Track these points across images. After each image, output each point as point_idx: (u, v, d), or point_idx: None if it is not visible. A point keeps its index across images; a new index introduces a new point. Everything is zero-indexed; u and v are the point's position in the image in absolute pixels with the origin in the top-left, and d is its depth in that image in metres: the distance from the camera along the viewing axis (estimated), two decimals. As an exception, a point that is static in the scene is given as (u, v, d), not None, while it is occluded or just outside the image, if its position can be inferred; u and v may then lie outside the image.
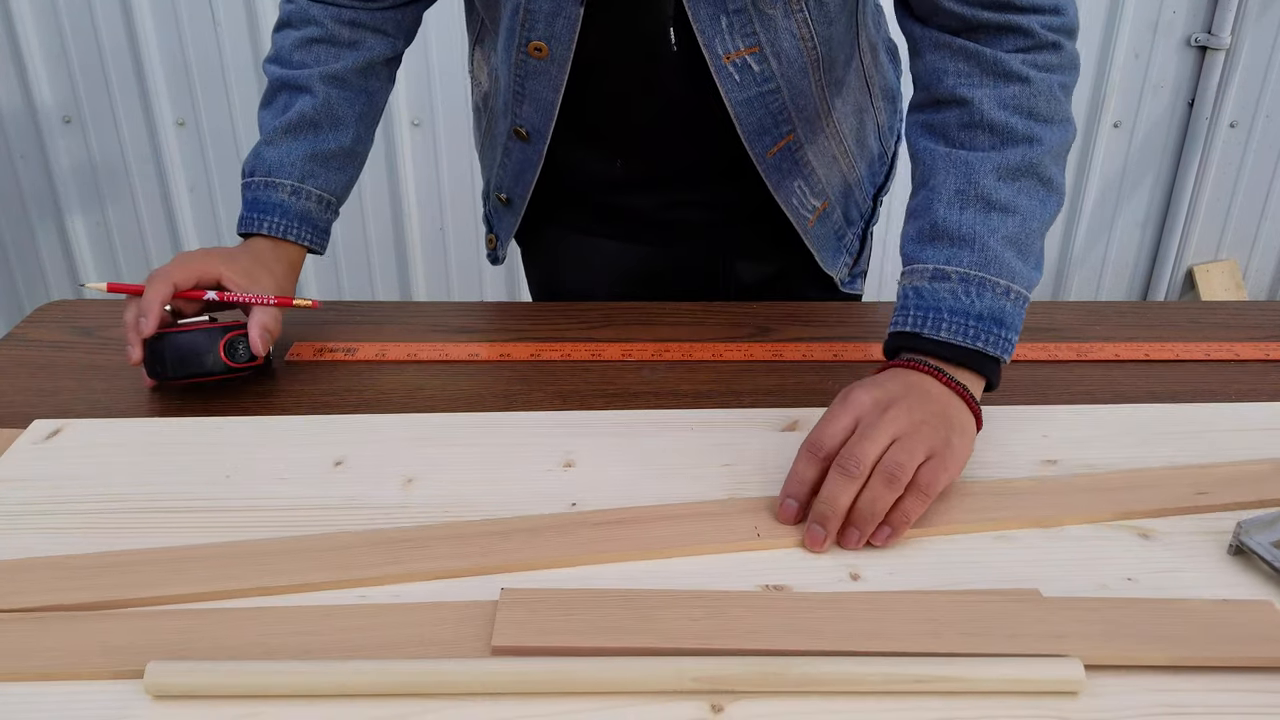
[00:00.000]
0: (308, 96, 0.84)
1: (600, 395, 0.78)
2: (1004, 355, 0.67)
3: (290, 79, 0.85)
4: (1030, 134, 0.69)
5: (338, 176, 0.87)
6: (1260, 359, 0.84)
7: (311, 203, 0.84)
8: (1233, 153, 2.21)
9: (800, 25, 0.79)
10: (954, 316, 0.66)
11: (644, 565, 0.58)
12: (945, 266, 0.67)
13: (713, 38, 0.78)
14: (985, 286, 0.66)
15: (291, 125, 0.84)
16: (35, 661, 0.50)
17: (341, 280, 2.25)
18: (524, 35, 0.81)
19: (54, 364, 0.82)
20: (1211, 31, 2.08)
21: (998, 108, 0.70)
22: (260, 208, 0.83)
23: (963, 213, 0.68)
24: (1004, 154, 0.69)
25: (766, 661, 0.49)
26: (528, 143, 0.89)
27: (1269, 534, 0.58)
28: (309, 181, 0.84)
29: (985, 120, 0.70)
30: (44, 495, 0.64)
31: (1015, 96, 0.70)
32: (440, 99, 2.05)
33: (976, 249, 0.67)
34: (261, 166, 0.83)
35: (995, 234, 0.67)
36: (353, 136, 0.87)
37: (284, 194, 0.83)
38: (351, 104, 0.87)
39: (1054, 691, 0.49)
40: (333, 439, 0.71)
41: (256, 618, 0.53)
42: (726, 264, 1.00)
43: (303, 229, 0.84)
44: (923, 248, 0.69)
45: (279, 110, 0.85)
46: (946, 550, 0.60)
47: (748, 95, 0.82)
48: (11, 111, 2.07)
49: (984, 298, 0.66)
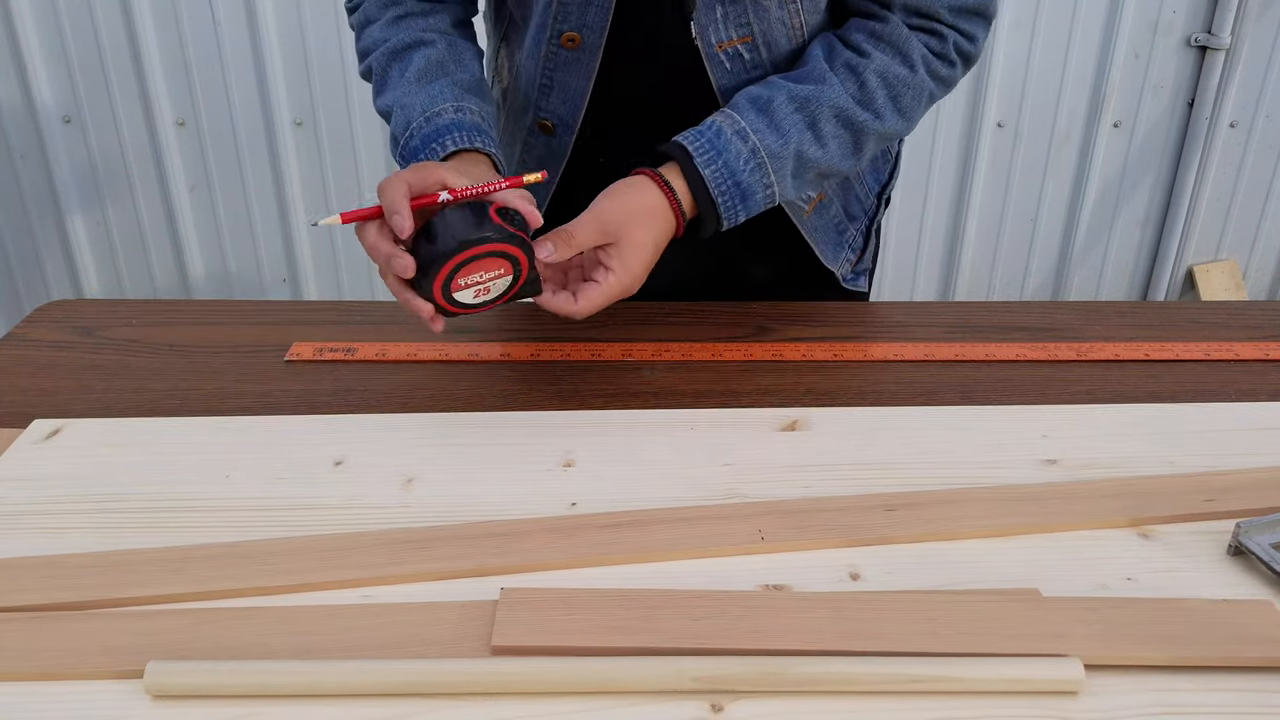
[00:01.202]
0: (425, 48, 0.82)
1: (600, 395, 0.78)
2: (725, 223, 0.78)
3: (399, 44, 0.82)
4: (880, 110, 0.80)
5: (485, 105, 0.81)
6: (1260, 359, 0.84)
7: (476, 118, 0.79)
8: (1233, 153, 2.21)
9: (792, 15, 0.82)
10: (724, 169, 0.76)
11: (644, 565, 0.58)
12: (750, 132, 0.77)
13: (707, 26, 0.80)
14: (761, 169, 0.77)
15: (421, 73, 0.81)
16: (35, 661, 0.50)
17: (341, 280, 2.25)
18: (556, 27, 0.83)
19: (54, 364, 0.82)
20: (1211, 31, 2.08)
21: (876, 74, 0.79)
22: (434, 138, 0.76)
23: (793, 113, 0.78)
24: (852, 107, 0.79)
25: (766, 661, 0.49)
26: (553, 135, 0.90)
27: (1268, 535, 0.58)
28: (465, 102, 0.79)
29: (862, 75, 0.79)
30: (44, 495, 0.64)
31: (896, 78, 0.80)
32: (440, 99, 2.05)
33: (779, 141, 0.77)
34: (415, 113, 0.78)
35: (798, 144, 0.78)
36: (478, 71, 0.84)
37: (449, 115, 0.77)
38: (468, 45, 0.85)
39: (1054, 691, 0.49)
40: (333, 439, 0.71)
41: (256, 618, 0.53)
42: (730, 262, 1.01)
43: (484, 138, 0.77)
44: (750, 108, 0.78)
45: (396, 76, 0.82)
46: (946, 550, 0.60)
47: (735, 82, 0.84)
48: (11, 111, 2.07)
49: (753, 175, 0.77)
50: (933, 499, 0.64)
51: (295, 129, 2.08)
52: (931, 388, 0.79)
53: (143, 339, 0.87)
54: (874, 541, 0.60)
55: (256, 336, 0.87)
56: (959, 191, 2.22)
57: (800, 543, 0.59)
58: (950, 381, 0.80)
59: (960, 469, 0.68)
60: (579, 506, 0.63)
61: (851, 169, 0.83)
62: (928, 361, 0.84)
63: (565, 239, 0.71)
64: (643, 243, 0.74)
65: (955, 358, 0.84)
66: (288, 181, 2.13)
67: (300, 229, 2.18)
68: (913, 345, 0.86)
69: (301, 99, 2.05)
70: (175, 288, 2.23)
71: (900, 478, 0.67)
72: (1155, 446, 0.71)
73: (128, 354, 0.84)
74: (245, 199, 2.15)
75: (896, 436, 0.72)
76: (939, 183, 2.20)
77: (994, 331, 0.90)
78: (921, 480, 0.66)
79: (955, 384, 0.80)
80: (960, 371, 0.82)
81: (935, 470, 0.67)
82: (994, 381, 0.81)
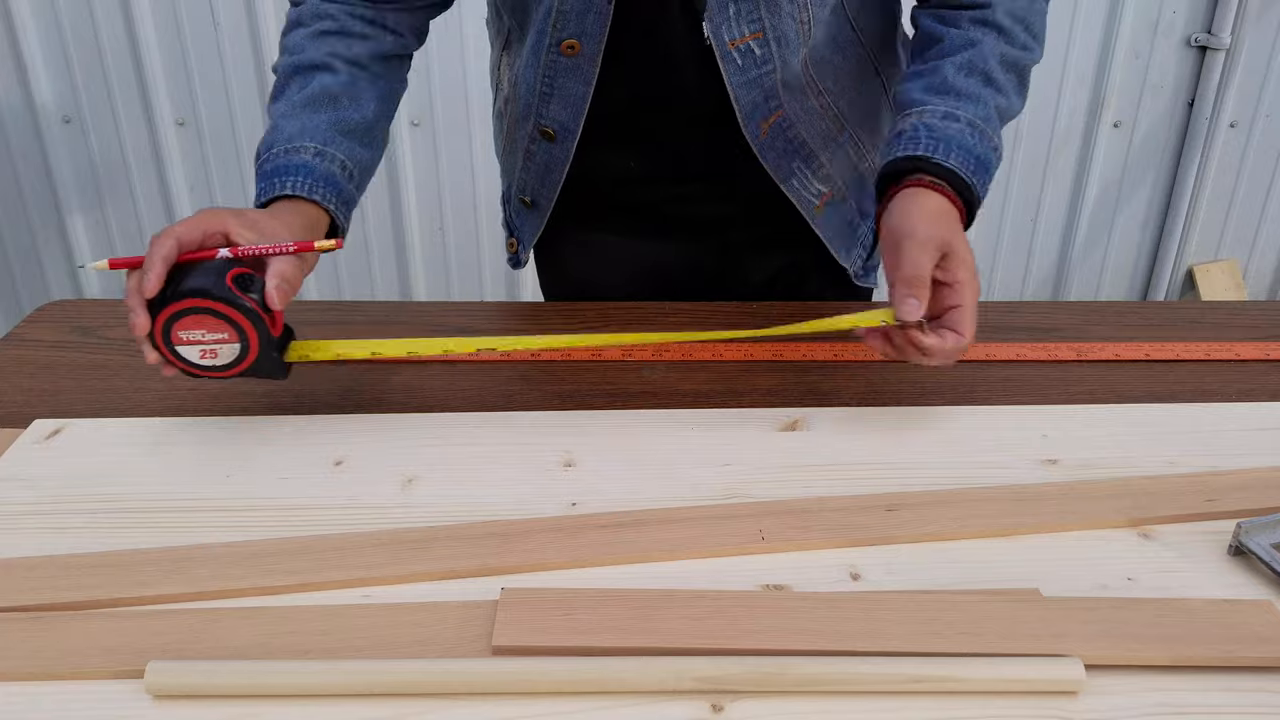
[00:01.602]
0: (327, 74, 0.80)
1: (600, 395, 0.78)
2: (981, 200, 0.77)
3: (307, 61, 0.81)
4: (1025, 43, 0.82)
5: (361, 151, 0.81)
6: (1260, 359, 0.84)
7: (336, 167, 0.77)
8: (1233, 153, 2.21)
9: (800, 10, 0.82)
10: (961, 151, 0.75)
11: (644, 565, 0.58)
12: (956, 111, 0.77)
13: (720, 25, 0.80)
14: (985, 137, 0.77)
15: (312, 99, 0.79)
16: (35, 661, 0.50)
17: (341, 280, 2.25)
18: (555, 35, 0.83)
19: (54, 364, 0.82)
20: (1211, 31, 2.08)
21: (1007, 15, 0.80)
22: (280, 173, 0.75)
23: (968, 79, 0.79)
24: (1008, 49, 0.80)
25: (766, 661, 0.49)
26: (554, 142, 0.90)
27: (1269, 535, 0.58)
28: (332, 147, 0.78)
29: (995, 21, 0.80)
30: (44, 495, 0.64)
31: (1022, 10, 0.81)
32: (440, 99, 2.05)
33: (980, 106, 0.78)
34: (280, 138, 0.77)
35: (991, 102, 0.79)
36: (374, 114, 0.82)
37: (307, 155, 0.76)
38: (372, 83, 0.83)
39: (1054, 691, 0.49)
40: (333, 439, 0.71)
41: (256, 618, 0.53)
42: (739, 258, 1.01)
43: (328, 190, 0.76)
44: (931, 96, 0.78)
45: (294, 93, 0.80)
46: (946, 550, 0.60)
47: (747, 78, 0.84)
48: (11, 111, 2.07)
49: (982, 145, 0.76)
50: (933, 499, 0.64)
51: (295, 129, 2.08)
52: (931, 388, 0.79)
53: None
54: (874, 541, 0.60)
55: (256, 336, 0.87)
56: (959, 191, 2.22)
57: (800, 543, 0.59)
58: (950, 381, 0.80)
59: (960, 469, 0.68)
60: (579, 506, 0.63)
61: (1021, 107, 0.84)
62: (928, 361, 0.83)
63: (917, 283, 0.68)
64: (964, 241, 0.71)
65: (955, 358, 0.84)
66: (288, 181, 2.13)
67: (300, 229, 2.18)
68: (913, 345, 0.86)
69: (301, 99, 2.05)
70: (175, 288, 2.23)
71: (900, 478, 0.67)
72: (1155, 446, 0.71)
73: (128, 354, 0.84)
74: (245, 199, 2.15)
75: (897, 436, 0.72)
76: (939, 183, 2.20)
77: (994, 331, 0.90)
78: (921, 480, 0.66)
79: (955, 384, 0.80)
80: (960, 371, 0.82)
81: (935, 470, 0.68)
82: (994, 381, 0.81)
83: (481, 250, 2.21)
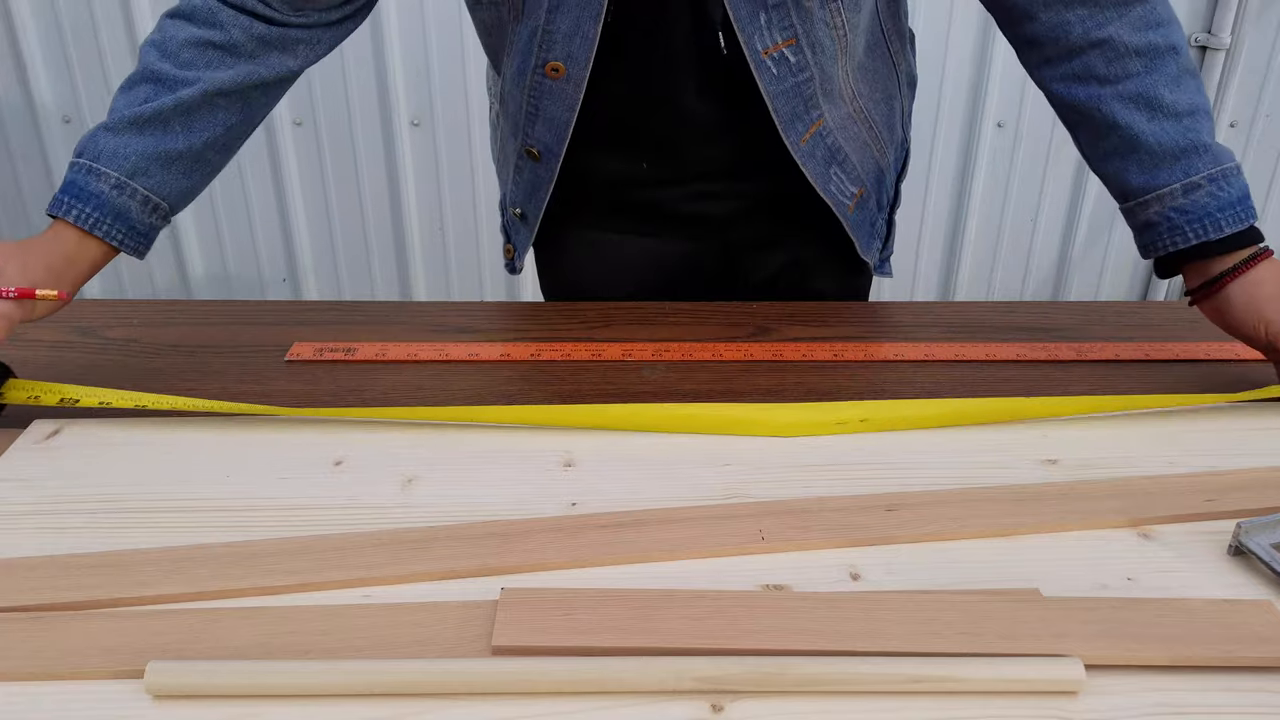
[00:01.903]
0: (174, 93, 0.77)
1: (600, 395, 0.78)
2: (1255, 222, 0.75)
3: (165, 75, 0.77)
4: (1169, 42, 0.76)
5: (178, 180, 0.79)
6: (1260, 359, 0.84)
7: (135, 201, 0.76)
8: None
9: (834, 14, 0.81)
10: (1223, 212, 0.74)
11: (644, 565, 0.58)
12: (1190, 179, 0.74)
13: (752, 35, 0.79)
14: (1228, 176, 0.74)
15: (142, 119, 0.76)
16: (35, 661, 0.50)
17: (341, 280, 2.25)
18: (541, 56, 0.82)
19: (54, 364, 0.82)
20: (1211, 31, 2.08)
21: (1134, 33, 0.75)
22: (74, 192, 0.74)
23: (1166, 133, 0.75)
24: (1163, 69, 0.75)
25: (766, 661, 0.49)
26: (539, 162, 0.90)
27: (1269, 535, 0.58)
28: (138, 179, 0.76)
29: (1130, 48, 0.75)
30: (44, 495, 0.64)
31: (1142, 16, 0.76)
32: (440, 99, 2.05)
33: (1202, 153, 0.75)
34: (91, 150, 0.75)
35: (1201, 134, 0.75)
36: (205, 141, 0.79)
37: (105, 185, 0.75)
38: (222, 112, 0.80)
39: (1054, 691, 0.49)
40: (333, 439, 0.71)
41: (256, 618, 0.53)
42: (740, 257, 1.01)
43: (115, 226, 0.75)
44: (1155, 174, 0.76)
45: (137, 100, 0.77)
46: (946, 550, 0.60)
47: (784, 87, 0.83)
48: (11, 111, 2.07)
49: (1233, 185, 0.74)
50: (933, 499, 0.64)
51: (295, 129, 2.08)
52: (931, 388, 0.79)
53: (143, 339, 0.87)
54: (874, 541, 0.60)
55: (256, 336, 0.87)
56: (959, 191, 2.22)
57: (800, 543, 0.59)
58: (950, 381, 0.80)
59: (960, 469, 0.68)
60: (579, 506, 0.63)
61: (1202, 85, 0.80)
62: (928, 361, 0.84)
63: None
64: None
65: (955, 358, 0.84)
66: (288, 181, 2.13)
67: (300, 229, 2.18)
68: (913, 345, 0.86)
69: (301, 99, 2.05)
70: (175, 288, 2.23)
71: (900, 478, 0.67)
72: (1155, 446, 0.71)
73: (128, 354, 0.84)
74: (245, 199, 2.15)
75: (897, 436, 0.72)
76: (939, 183, 2.20)
77: (994, 331, 0.90)
78: (921, 480, 0.66)
79: (955, 384, 0.80)
80: (960, 371, 0.82)
81: (935, 470, 0.68)
82: (994, 381, 0.81)
83: (481, 250, 2.21)
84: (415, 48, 2.00)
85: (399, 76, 2.03)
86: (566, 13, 0.79)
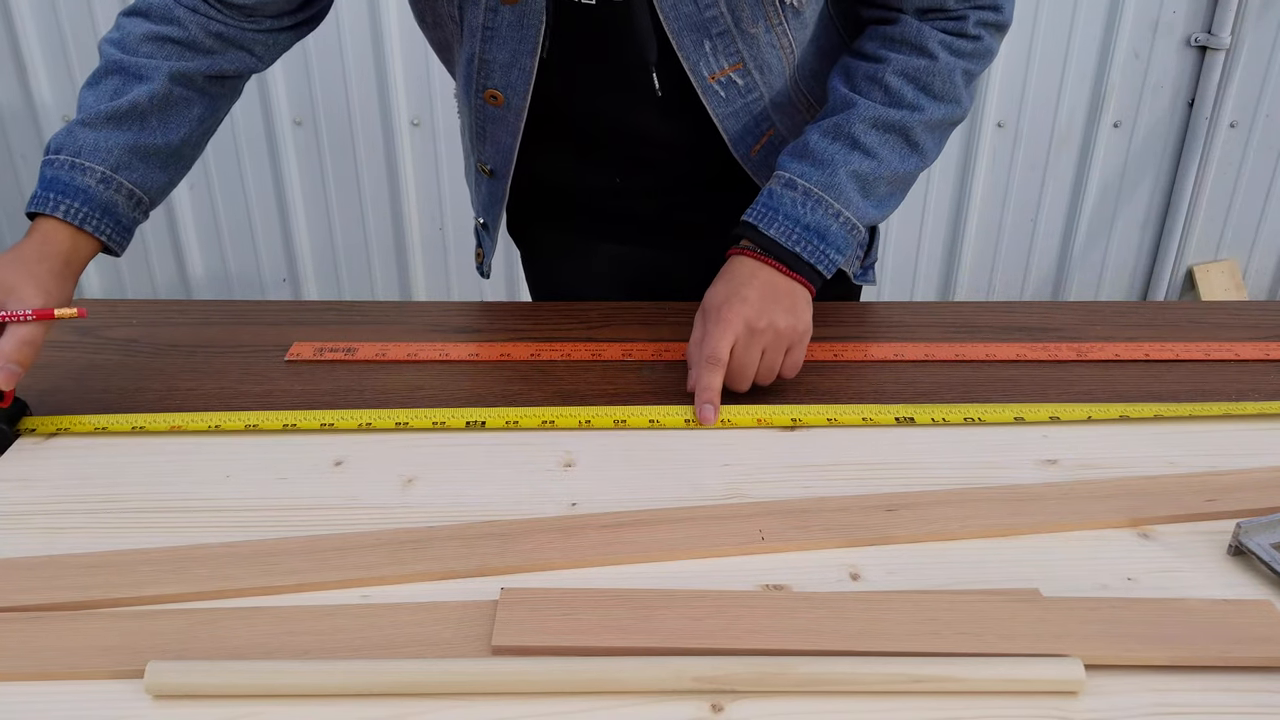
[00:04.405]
0: (145, 86, 0.77)
1: (600, 395, 0.78)
2: (820, 266, 0.78)
3: (130, 65, 0.77)
4: (915, 103, 0.80)
5: (157, 175, 0.78)
6: (1260, 359, 0.84)
7: (121, 195, 0.76)
8: (1233, 153, 2.21)
9: (780, 36, 0.81)
10: (786, 220, 0.77)
11: (644, 565, 0.58)
12: (797, 179, 0.78)
13: (697, 62, 0.80)
14: (820, 204, 0.78)
15: (119, 113, 0.76)
16: (35, 661, 0.50)
17: (341, 280, 2.25)
18: (480, 82, 0.82)
19: (54, 364, 0.82)
20: (1211, 31, 2.08)
21: (897, 74, 0.80)
22: (59, 188, 0.74)
23: (830, 143, 0.79)
24: (885, 111, 0.79)
25: (766, 661, 0.49)
26: (494, 179, 0.91)
27: (1269, 535, 0.58)
28: (122, 173, 0.75)
29: (883, 80, 0.80)
30: (44, 495, 0.64)
31: (918, 70, 0.80)
32: (440, 99, 2.05)
33: (826, 173, 0.78)
34: (71, 146, 0.75)
35: (846, 166, 0.78)
36: (182, 137, 0.79)
37: (91, 179, 0.74)
38: (191, 105, 0.80)
39: (1054, 691, 0.49)
40: (333, 439, 0.71)
41: (256, 618, 0.53)
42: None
43: (104, 221, 0.75)
44: (789, 160, 0.80)
45: (108, 95, 0.77)
46: (946, 550, 0.60)
47: (733, 108, 0.84)
48: (11, 111, 2.07)
49: (815, 213, 0.77)
50: (933, 499, 0.64)
51: (295, 128, 2.08)
52: (931, 388, 0.79)
53: (143, 339, 0.87)
54: (874, 541, 0.60)
55: (256, 336, 0.87)
56: (959, 191, 2.22)
57: (800, 543, 0.59)
58: (950, 381, 0.80)
59: (960, 469, 0.68)
60: (579, 506, 0.63)
61: (920, 164, 0.82)
62: (928, 361, 0.84)
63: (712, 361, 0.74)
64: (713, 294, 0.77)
65: (955, 358, 0.84)
66: (288, 181, 2.13)
67: (300, 229, 2.18)
68: (913, 345, 0.86)
69: (301, 98, 2.05)
70: (175, 288, 2.23)
71: (900, 478, 0.67)
72: (1155, 446, 0.71)
73: (128, 354, 0.84)
74: (245, 199, 2.15)
75: (897, 436, 0.72)
76: (939, 182, 2.20)
77: (994, 331, 0.90)
78: (921, 480, 0.66)
79: (955, 384, 0.80)
80: (960, 371, 0.82)
81: (935, 470, 0.67)
82: (994, 381, 0.81)
83: (481, 250, 2.21)
84: (415, 48, 2.00)
85: (399, 76, 2.03)
86: (502, 45, 0.79)
